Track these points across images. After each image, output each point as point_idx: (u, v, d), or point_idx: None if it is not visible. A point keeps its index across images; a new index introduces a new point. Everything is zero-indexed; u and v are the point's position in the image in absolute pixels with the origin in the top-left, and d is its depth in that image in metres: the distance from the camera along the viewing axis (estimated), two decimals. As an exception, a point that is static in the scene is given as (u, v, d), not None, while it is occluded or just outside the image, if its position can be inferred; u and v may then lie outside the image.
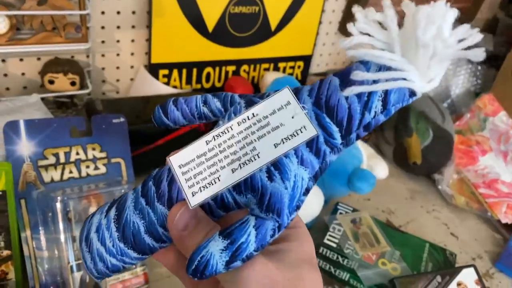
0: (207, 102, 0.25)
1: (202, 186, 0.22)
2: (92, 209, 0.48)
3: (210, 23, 0.77)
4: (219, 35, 0.79)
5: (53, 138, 0.49)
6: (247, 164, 0.22)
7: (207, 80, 0.84)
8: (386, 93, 0.21)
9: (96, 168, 0.51)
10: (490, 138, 0.85)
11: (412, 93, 0.21)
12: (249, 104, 0.23)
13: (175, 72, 0.79)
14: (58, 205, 0.46)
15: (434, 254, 0.61)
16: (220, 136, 0.23)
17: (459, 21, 0.19)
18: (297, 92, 0.23)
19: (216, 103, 0.25)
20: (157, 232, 0.24)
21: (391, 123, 0.82)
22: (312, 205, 0.59)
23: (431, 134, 0.78)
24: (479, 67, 1.02)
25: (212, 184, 0.22)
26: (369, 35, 0.21)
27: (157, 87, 0.77)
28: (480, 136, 0.86)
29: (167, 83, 0.79)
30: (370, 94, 0.21)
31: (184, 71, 0.80)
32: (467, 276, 0.57)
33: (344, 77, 0.22)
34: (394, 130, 0.81)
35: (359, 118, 0.21)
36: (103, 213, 0.26)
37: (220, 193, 0.22)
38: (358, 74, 0.21)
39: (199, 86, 0.83)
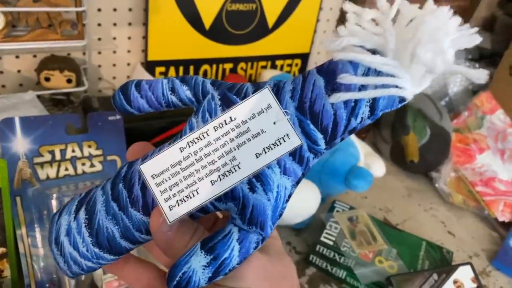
0: (175, 90, 0.23)
1: (180, 200, 0.21)
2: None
3: (207, 21, 0.77)
4: (216, 33, 0.79)
5: (48, 135, 0.49)
6: (227, 176, 0.21)
7: (204, 77, 0.83)
8: (375, 98, 0.20)
9: (92, 165, 0.51)
10: (488, 136, 0.85)
11: (402, 99, 0.20)
12: (224, 101, 0.22)
13: (172, 70, 0.79)
14: (54, 202, 0.46)
15: (431, 252, 0.61)
16: (196, 143, 0.21)
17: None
18: (278, 91, 0.21)
19: (185, 92, 0.23)
20: (133, 236, 0.23)
21: (388, 121, 0.82)
22: (309, 203, 0.58)
23: (428, 132, 0.78)
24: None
25: (190, 198, 0.21)
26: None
27: (154, 85, 0.76)
28: (478, 134, 0.86)
29: (164, 81, 0.79)
30: (357, 99, 0.20)
31: (181, 68, 0.79)
32: (464, 274, 0.57)
33: (330, 78, 0.20)
34: (391, 128, 0.81)
35: (344, 124, 0.20)
36: (72, 214, 0.24)
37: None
38: (346, 78, 0.19)
39: (196, 83, 0.83)
